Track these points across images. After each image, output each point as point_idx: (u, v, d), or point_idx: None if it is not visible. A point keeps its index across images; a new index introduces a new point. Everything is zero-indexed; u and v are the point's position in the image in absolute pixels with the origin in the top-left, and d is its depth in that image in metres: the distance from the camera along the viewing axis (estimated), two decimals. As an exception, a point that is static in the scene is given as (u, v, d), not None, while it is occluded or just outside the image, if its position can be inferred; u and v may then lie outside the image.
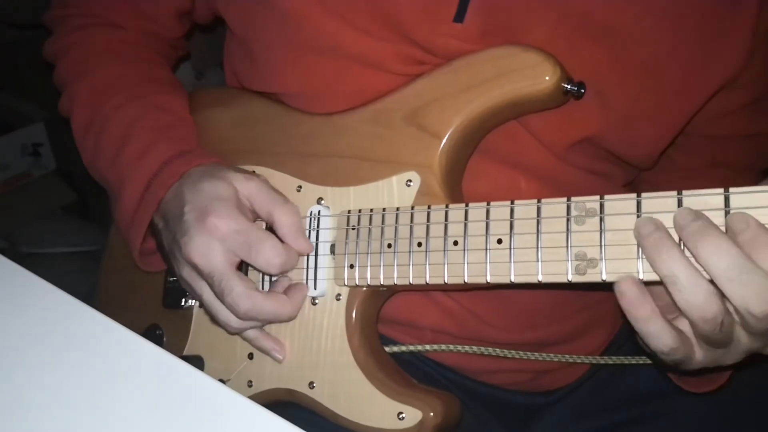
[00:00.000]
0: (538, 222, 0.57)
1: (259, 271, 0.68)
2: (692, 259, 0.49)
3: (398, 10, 0.65)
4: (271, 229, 0.67)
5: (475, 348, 0.71)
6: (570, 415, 0.79)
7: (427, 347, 0.72)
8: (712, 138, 0.75)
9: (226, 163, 0.72)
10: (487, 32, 0.64)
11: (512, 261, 0.57)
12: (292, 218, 0.67)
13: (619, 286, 0.51)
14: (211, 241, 0.63)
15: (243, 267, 0.69)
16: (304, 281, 0.68)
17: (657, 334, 0.51)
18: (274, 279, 0.70)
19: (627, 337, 0.81)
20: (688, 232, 0.49)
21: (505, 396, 0.79)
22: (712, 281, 0.49)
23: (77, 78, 0.80)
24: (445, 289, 0.69)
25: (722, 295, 0.49)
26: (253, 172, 0.73)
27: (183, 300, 0.76)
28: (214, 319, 0.68)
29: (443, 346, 0.71)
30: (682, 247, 0.50)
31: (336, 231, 0.67)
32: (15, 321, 0.54)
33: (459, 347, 0.71)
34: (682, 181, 0.78)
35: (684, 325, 0.53)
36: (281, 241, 0.66)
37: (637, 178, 0.79)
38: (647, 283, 0.52)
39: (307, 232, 0.68)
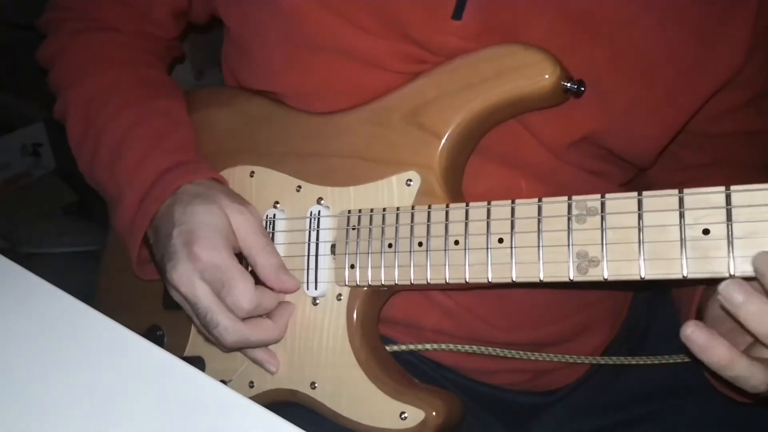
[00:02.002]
0: (539, 221, 0.56)
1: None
2: None
3: (397, 7, 0.64)
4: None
5: (475, 348, 0.71)
6: (570, 415, 0.79)
7: (427, 346, 0.72)
8: (712, 135, 0.75)
9: (221, 177, 0.72)
10: (486, 30, 0.64)
11: (513, 260, 0.57)
12: (273, 259, 0.67)
13: (685, 332, 0.49)
14: (193, 272, 0.63)
15: (244, 261, 0.69)
16: (305, 282, 0.68)
17: (747, 374, 0.49)
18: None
19: (627, 337, 0.81)
20: None
21: (505, 396, 0.79)
22: None
23: (72, 83, 0.79)
24: (446, 288, 0.69)
25: None
26: (252, 172, 0.73)
27: (183, 300, 0.76)
28: (206, 339, 0.69)
29: (443, 346, 0.71)
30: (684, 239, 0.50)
31: (336, 231, 0.67)
32: (15, 321, 0.54)
33: (459, 347, 0.71)
34: (685, 179, 0.78)
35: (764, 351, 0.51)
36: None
37: (637, 176, 0.79)
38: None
39: (307, 232, 0.68)
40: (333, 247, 0.67)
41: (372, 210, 0.65)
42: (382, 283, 0.64)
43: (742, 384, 0.50)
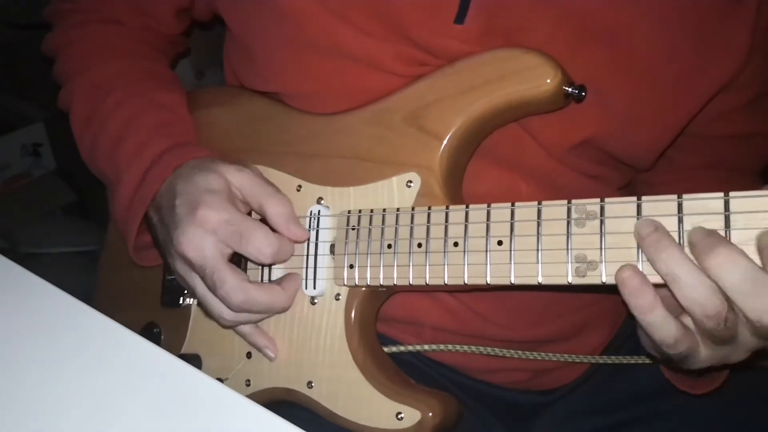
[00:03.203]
0: (538, 224, 0.57)
1: (253, 262, 0.67)
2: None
3: (398, 10, 0.65)
4: (264, 221, 0.67)
5: (474, 348, 0.71)
6: (570, 414, 0.79)
7: (426, 347, 0.72)
8: (711, 138, 0.75)
9: (220, 156, 0.72)
10: (488, 33, 0.64)
11: (512, 263, 0.57)
12: (284, 208, 0.66)
13: (620, 275, 0.51)
14: (203, 234, 0.63)
15: (242, 264, 0.69)
16: (303, 281, 0.68)
17: (659, 324, 0.51)
18: (273, 279, 0.70)
19: (627, 337, 0.82)
20: (700, 247, 0.49)
21: (505, 395, 0.79)
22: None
23: (77, 73, 0.80)
24: (445, 290, 0.69)
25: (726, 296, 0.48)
26: (253, 170, 0.74)
27: (181, 299, 0.76)
28: (208, 313, 0.68)
29: (442, 346, 0.71)
30: (682, 245, 0.50)
31: (336, 231, 0.67)
32: (15, 321, 0.54)
33: (458, 347, 0.71)
34: (681, 182, 0.79)
35: (688, 320, 0.52)
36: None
37: (635, 179, 0.80)
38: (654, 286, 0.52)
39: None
40: (332, 246, 0.67)
41: (372, 210, 0.65)
42: (381, 283, 0.64)
43: (654, 333, 0.52)
